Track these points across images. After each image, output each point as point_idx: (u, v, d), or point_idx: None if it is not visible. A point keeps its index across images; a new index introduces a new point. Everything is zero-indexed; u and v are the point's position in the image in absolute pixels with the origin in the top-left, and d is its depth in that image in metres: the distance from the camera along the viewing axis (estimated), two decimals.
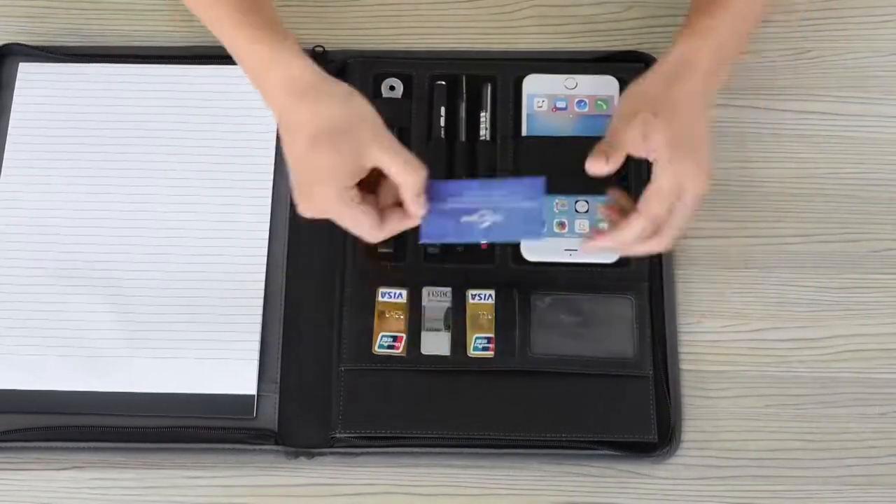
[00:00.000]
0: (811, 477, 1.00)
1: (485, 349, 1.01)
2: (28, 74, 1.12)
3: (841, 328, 1.04)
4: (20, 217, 1.06)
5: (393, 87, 1.11)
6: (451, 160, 1.08)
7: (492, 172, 1.07)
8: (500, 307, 1.03)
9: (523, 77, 1.11)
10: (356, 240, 1.04)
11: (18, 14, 1.14)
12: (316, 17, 1.16)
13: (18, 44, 1.12)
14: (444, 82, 1.11)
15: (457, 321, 1.02)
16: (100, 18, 1.15)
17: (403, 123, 1.09)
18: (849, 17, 1.15)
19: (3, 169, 1.08)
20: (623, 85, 1.11)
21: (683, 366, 1.03)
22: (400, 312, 1.03)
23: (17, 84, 1.11)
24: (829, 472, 1.00)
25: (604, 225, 1.02)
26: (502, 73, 1.11)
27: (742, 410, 1.02)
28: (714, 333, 1.04)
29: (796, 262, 1.06)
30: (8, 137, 1.09)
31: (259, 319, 1.03)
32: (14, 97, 1.11)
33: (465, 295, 1.03)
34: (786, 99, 1.12)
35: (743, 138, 1.11)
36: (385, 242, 1.04)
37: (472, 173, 1.07)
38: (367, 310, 1.03)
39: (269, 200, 1.07)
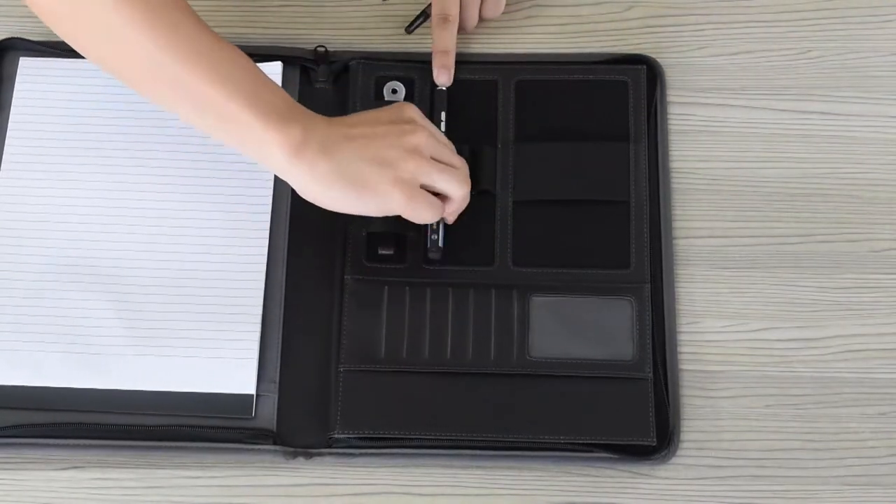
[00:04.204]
0: (811, 477, 1.00)
1: None
2: (29, 69, 1.11)
3: (841, 328, 1.04)
4: (19, 213, 1.06)
5: (395, 91, 1.11)
6: None
7: (493, 176, 1.08)
8: (499, 309, 1.03)
9: (525, 81, 1.11)
10: (356, 240, 1.05)
11: (20, 8, 1.14)
12: (317, 17, 1.16)
13: (19, 38, 1.12)
14: (444, 88, 1.11)
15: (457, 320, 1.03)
16: None
17: None
18: (849, 17, 1.15)
19: (2, 164, 1.08)
20: (625, 88, 1.11)
21: (683, 366, 1.03)
22: None
23: (18, 79, 1.11)
24: (829, 472, 1.00)
25: None
26: (504, 77, 1.11)
27: (742, 410, 1.02)
28: (714, 333, 1.04)
29: (796, 262, 1.06)
30: (8, 133, 1.09)
31: (259, 319, 1.03)
32: (14, 92, 1.10)
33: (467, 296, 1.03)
34: (786, 99, 1.12)
35: (743, 138, 1.11)
36: (386, 244, 1.05)
37: (474, 179, 1.07)
38: (367, 311, 1.03)
39: (270, 199, 1.07)
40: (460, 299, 1.03)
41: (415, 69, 1.12)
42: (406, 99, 1.10)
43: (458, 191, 1.01)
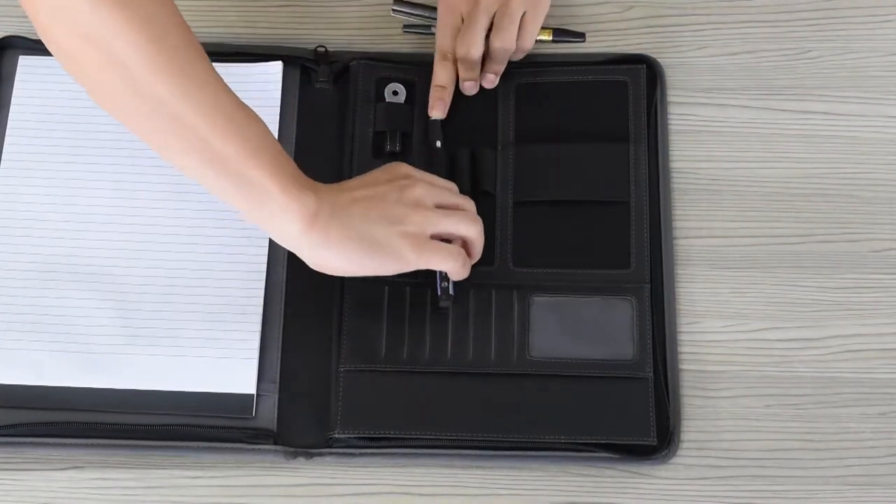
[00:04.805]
0: (811, 477, 1.00)
1: None
2: (28, 67, 1.11)
3: (841, 328, 1.04)
4: (19, 211, 1.06)
5: (396, 92, 1.11)
6: (451, 167, 1.08)
7: (493, 178, 1.08)
8: (500, 309, 1.03)
9: (525, 82, 1.11)
10: None
11: (19, 7, 1.13)
12: (317, 17, 1.16)
13: (19, 36, 1.12)
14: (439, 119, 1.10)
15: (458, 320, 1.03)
16: None
17: (405, 129, 1.09)
18: (849, 17, 1.15)
19: (1, 163, 1.08)
20: (625, 88, 1.11)
21: (683, 366, 1.03)
22: None
23: (17, 77, 1.11)
24: (829, 472, 1.00)
25: None
26: (503, 78, 1.11)
27: (742, 410, 1.02)
28: (714, 333, 1.04)
29: (796, 262, 1.06)
30: (7, 131, 1.09)
31: (259, 318, 1.03)
32: (14, 90, 1.10)
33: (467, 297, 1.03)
34: (786, 99, 1.12)
35: (743, 138, 1.11)
36: None
37: (475, 181, 1.07)
38: (367, 311, 1.03)
39: None
40: (461, 299, 1.03)
41: (415, 71, 1.12)
42: (406, 100, 1.10)
43: (469, 230, 1.01)
